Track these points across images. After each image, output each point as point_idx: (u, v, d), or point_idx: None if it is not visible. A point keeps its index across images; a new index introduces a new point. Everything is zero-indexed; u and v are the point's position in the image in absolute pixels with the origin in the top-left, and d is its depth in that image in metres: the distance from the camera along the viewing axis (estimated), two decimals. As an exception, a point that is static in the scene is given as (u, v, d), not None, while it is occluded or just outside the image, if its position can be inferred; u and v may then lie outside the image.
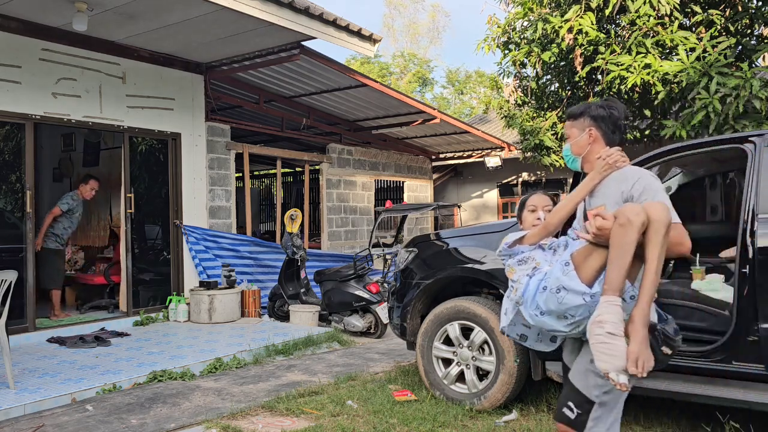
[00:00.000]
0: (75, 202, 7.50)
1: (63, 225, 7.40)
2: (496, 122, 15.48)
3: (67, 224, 7.45)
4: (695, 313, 3.86)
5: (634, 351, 2.11)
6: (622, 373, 2.12)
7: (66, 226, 7.44)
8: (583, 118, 2.59)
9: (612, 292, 2.15)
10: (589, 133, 2.58)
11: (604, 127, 2.56)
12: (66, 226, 7.44)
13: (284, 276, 8.11)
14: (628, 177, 2.40)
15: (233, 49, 7.70)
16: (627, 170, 2.44)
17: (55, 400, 4.53)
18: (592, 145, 2.58)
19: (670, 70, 7.32)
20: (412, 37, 37.14)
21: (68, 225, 7.47)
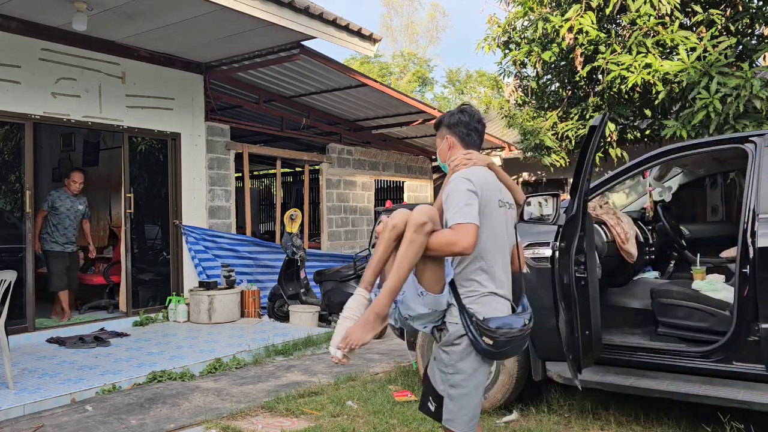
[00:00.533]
0: (56, 198, 7.10)
1: (52, 223, 7.06)
2: (496, 122, 15.46)
3: (55, 221, 7.06)
4: (695, 313, 3.85)
5: (349, 330, 2.32)
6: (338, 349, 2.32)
7: (55, 224, 7.05)
8: (441, 128, 2.71)
9: (363, 285, 2.47)
10: (446, 141, 2.69)
11: (458, 132, 2.66)
12: (54, 223, 7.06)
13: (284, 276, 8.11)
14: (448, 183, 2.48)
15: (233, 48, 7.69)
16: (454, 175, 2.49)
17: (55, 401, 4.53)
18: (451, 150, 2.67)
19: (671, 70, 7.31)
20: (411, 37, 37.13)
21: (56, 222, 7.06)
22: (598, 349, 3.65)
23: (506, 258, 2.60)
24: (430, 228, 2.30)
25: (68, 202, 7.13)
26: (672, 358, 3.67)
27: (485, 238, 2.43)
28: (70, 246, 7.20)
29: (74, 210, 7.20)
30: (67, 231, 7.14)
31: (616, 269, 4.45)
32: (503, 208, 2.58)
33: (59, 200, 7.06)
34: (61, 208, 7.07)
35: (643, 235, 4.88)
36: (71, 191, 7.21)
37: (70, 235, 7.18)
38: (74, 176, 7.24)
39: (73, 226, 7.20)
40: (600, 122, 3.58)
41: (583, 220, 3.53)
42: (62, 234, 7.10)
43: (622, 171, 4.03)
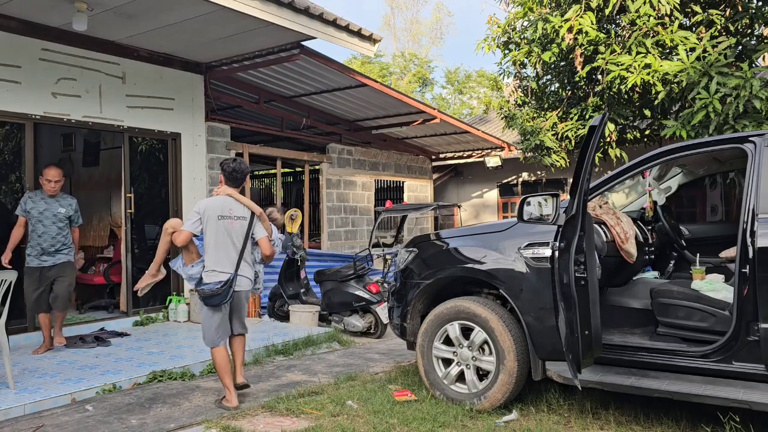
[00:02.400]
0: (27, 200, 5.90)
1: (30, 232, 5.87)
2: (496, 122, 15.47)
3: (29, 228, 5.86)
4: (695, 312, 3.86)
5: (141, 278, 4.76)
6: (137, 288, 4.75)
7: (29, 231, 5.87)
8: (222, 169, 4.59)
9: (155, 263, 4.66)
10: (220, 177, 4.62)
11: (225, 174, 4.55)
12: (29, 231, 5.87)
13: (284, 276, 8.11)
14: None
15: (233, 49, 7.69)
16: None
17: (55, 400, 4.53)
18: (220, 184, 4.63)
19: (670, 70, 7.32)
20: (414, 37, 37.13)
21: (30, 229, 5.85)
22: (598, 349, 3.65)
23: (229, 249, 4.42)
24: (170, 231, 4.43)
25: (42, 204, 5.86)
26: (672, 357, 3.67)
27: (208, 238, 4.43)
28: (48, 258, 5.83)
29: (51, 214, 5.86)
30: (42, 240, 5.79)
31: (616, 269, 4.46)
32: (225, 220, 4.44)
33: (31, 202, 5.85)
34: (33, 212, 5.82)
35: (642, 235, 4.88)
36: (46, 191, 5.92)
37: (47, 245, 5.81)
38: (47, 173, 5.88)
39: (50, 234, 5.83)
40: (600, 122, 3.58)
41: (583, 220, 3.54)
42: (36, 244, 5.78)
43: (622, 171, 4.04)
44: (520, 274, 4.02)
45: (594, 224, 4.09)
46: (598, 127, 3.57)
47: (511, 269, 4.06)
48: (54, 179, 5.91)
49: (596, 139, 3.57)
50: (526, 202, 3.96)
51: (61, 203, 5.98)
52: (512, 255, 4.06)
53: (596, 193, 4.07)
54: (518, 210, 4.01)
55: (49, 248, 5.85)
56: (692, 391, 3.49)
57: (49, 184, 5.91)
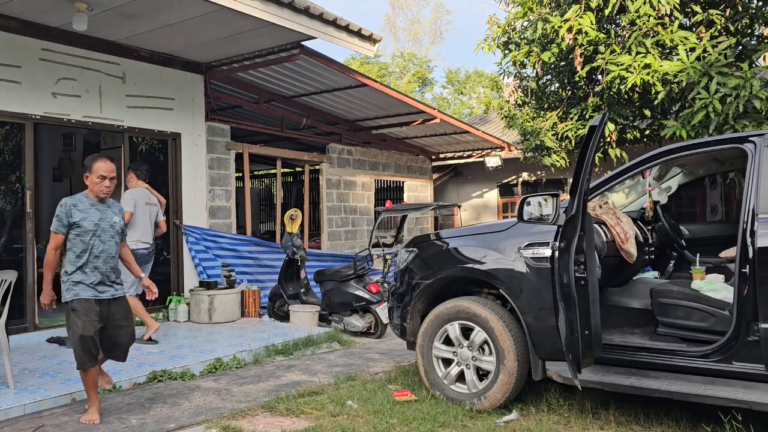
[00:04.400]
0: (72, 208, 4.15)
1: (73, 252, 4.15)
2: (496, 122, 15.48)
3: (78, 248, 4.12)
4: (695, 312, 3.86)
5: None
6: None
7: (77, 252, 4.13)
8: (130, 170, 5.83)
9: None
10: (130, 174, 6.30)
11: (135, 173, 6.17)
12: (77, 252, 4.13)
13: (284, 276, 8.11)
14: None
15: (233, 49, 7.69)
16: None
17: (55, 400, 4.53)
18: (131, 181, 6.47)
19: (670, 70, 7.32)
20: (414, 36, 37.15)
21: (80, 250, 4.11)
22: (598, 349, 3.65)
23: (149, 226, 6.27)
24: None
25: (94, 213, 4.16)
26: (672, 357, 3.68)
27: (138, 218, 6.19)
28: (107, 289, 4.17)
29: (107, 225, 4.21)
30: (99, 261, 4.14)
31: (616, 269, 4.46)
32: (148, 206, 6.29)
33: (78, 211, 4.11)
34: (85, 224, 4.10)
35: (642, 235, 4.88)
36: (96, 194, 4.21)
37: (106, 269, 4.17)
38: (99, 167, 4.17)
39: (109, 253, 4.20)
40: (600, 122, 3.59)
41: (583, 220, 3.54)
42: (92, 268, 4.11)
43: (622, 171, 4.04)
44: (520, 274, 4.02)
45: (594, 224, 4.09)
46: (598, 127, 3.57)
47: (511, 269, 4.06)
48: (109, 175, 4.21)
49: (596, 139, 3.57)
50: (526, 202, 3.96)
51: (113, 209, 4.31)
52: (512, 255, 4.06)
53: (596, 193, 4.07)
54: (518, 210, 4.01)
55: (109, 273, 4.20)
56: (692, 391, 3.49)
57: (102, 183, 4.17)
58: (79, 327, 4.03)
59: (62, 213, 4.12)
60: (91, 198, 4.25)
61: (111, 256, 4.25)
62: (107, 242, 4.22)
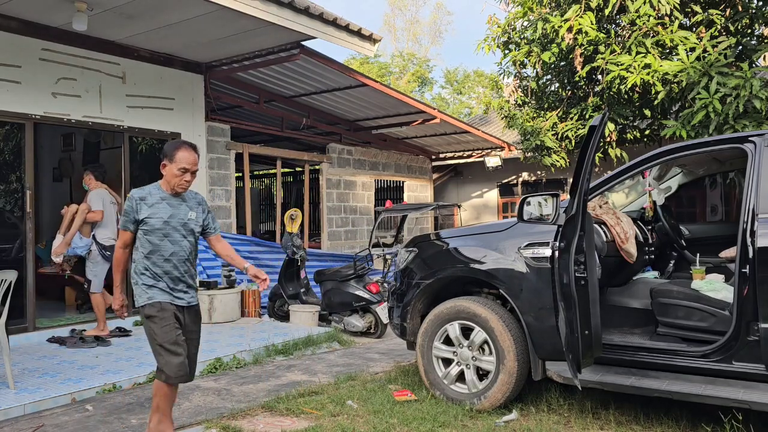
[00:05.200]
0: (140, 203, 3.57)
1: (142, 252, 3.64)
2: (496, 122, 15.48)
3: (148, 248, 3.62)
4: (695, 312, 3.86)
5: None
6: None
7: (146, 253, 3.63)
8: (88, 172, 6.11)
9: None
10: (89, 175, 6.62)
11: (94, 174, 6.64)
12: (146, 252, 3.63)
13: (284, 276, 8.11)
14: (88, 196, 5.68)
15: (233, 48, 7.69)
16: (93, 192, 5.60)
17: (55, 400, 4.53)
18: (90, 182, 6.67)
19: (670, 70, 7.32)
20: (413, 37, 37.16)
21: (150, 250, 3.59)
22: (598, 349, 3.65)
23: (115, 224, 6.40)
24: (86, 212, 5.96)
25: (165, 208, 3.56)
26: (672, 357, 3.68)
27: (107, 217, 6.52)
28: (183, 295, 3.63)
29: (179, 222, 3.59)
30: (169, 265, 3.56)
31: (616, 269, 4.46)
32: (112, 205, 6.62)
33: (146, 206, 3.52)
34: (153, 221, 3.51)
35: (642, 235, 4.88)
36: (173, 188, 3.58)
37: (179, 272, 3.59)
38: (182, 157, 3.55)
39: (183, 254, 3.60)
40: (600, 122, 3.59)
41: (583, 219, 3.54)
42: (161, 272, 3.55)
43: (622, 171, 4.04)
44: (520, 274, 4.02)
45: (594, 224, 4.09)
46: (598, 127, 3.57)
47: (511, 269, 4.06)
48: (192, 168, 3.60)
49: (596, 139, 3.57)
50: (526, 202, 3.96)
51: (188, 204, 3.68)
52: (512, 255, 4.06)
53: (596, 193, 4.07)
54: (518, 210, 4.01)
55: (184, 277, 3.62)
56: (692, 391, 3.49)
57: (183, 176, 3.55)
58: (157, 335, 3.44)
59: (129, 208, 3.52)
60: (164, 190, 3.57)
61: (184, 259, 3.57)
62: (178, 242, 3.54)
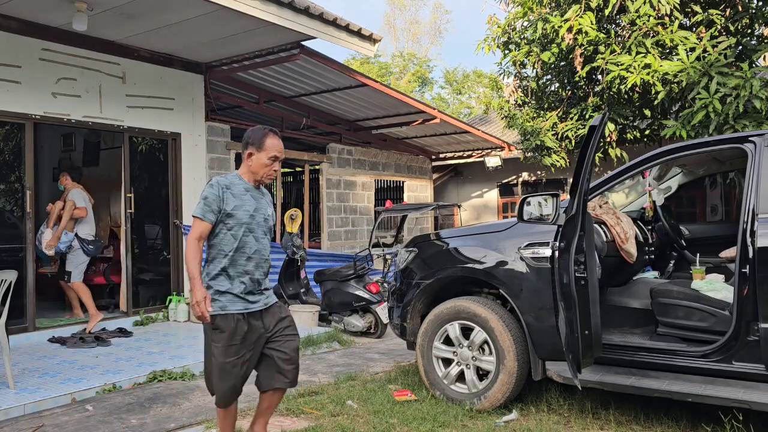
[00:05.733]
0: (224, 192, 3.17)
1: (217, 250, 3.23)
2: (496, 122, 15.47)
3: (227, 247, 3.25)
4: (695, 312, 3.86)
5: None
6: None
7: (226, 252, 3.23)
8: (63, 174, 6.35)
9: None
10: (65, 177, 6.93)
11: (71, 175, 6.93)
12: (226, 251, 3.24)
13: (284, 276, 8.11)
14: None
15: (233, 48, 7.69)
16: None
17: (55, 400, 4.53)
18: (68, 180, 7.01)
19: (670, 70, 7.32)
20: (413, 36, 37.15)
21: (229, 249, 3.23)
22: (598, 349, 3.65)
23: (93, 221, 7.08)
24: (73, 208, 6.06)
25: (250, 201, 3.22)
26: (672, 357, 3.68)
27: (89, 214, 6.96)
28: (258, 297, 3.24)
29: (262, 218, 3.28)
30: (250, 264, 3.20)
31: (616, 269, 4.46)
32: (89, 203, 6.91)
33: (232, 196, 3.15)
34: (239, 214, 3.16)
35: (642, 235, 4.88)
36: (260, 178, 3.26)
37: (260, 274, 3.25)
38: (271, 144, 3.21)
39: (263, 254, 3.28)
40: (600, 122, 3.59)
41: (583, 219, 3.54)
42: (241, 271, 3.17)
43: (622, 171, 4.04)
44: (520, 274, 4.02)
45: (594, 224, 4.09)
46: (598, 127, 3.57)
47: (511, 269, 4.06)
48: (281, 156, 3.26)
49: (596, 139, 3.57)
50: (526, 202, 3.96)
51: (267, 199, 3.38)
52: (512, 255, 4.06)
53: (596, 193, 4.07)
54: (518, 210, 4.01)
55: (264, 279, 3.29)
56: (692, 391, 3.49)
57: (273, 165, 3.23)
58: (219, 351, 3.08)
59: (212, 196, 3.08)
60: (247, 181, 3.21)
61: (264, 259, 3.25)
62: (261, 240, 3.21)
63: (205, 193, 3.12)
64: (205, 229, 3.10)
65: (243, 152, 3.21)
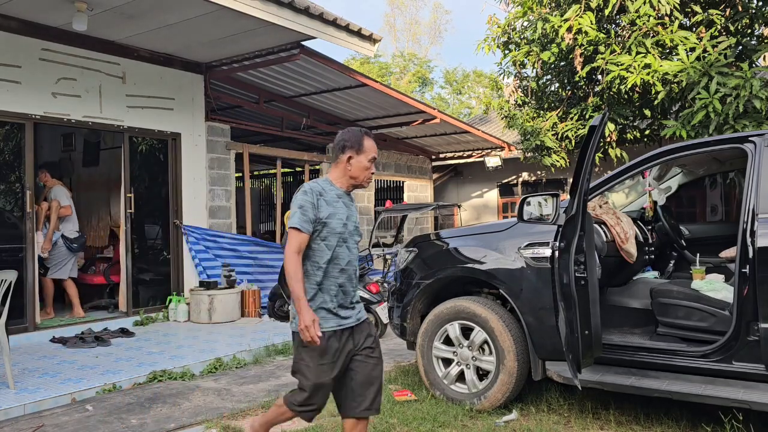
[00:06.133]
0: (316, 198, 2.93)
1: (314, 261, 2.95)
2: (496, 122, 15.47)
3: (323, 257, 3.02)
4: (695, 312, 3.86)
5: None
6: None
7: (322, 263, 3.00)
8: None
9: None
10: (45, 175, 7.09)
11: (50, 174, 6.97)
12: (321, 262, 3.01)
13: (284, 276, 8.09)
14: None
15: (233, 48, 7.69)
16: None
17: (55, 400, 4.53)
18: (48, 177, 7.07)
19: (670, 70, 7.32)
20: (413, 36, 37.16)
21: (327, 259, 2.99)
22: (598, 349, 3.65)
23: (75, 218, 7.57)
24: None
25: (342, 208, 2.95)
26: (672, 357, 3.68)
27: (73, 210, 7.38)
28: (350, 313, 2.96)
29: (353, 225, 3.01)
30: (344, 276, 2.95)
31: (616, 269, 4.46)
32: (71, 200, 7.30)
33: (325, 203, 2.88)
34: (333, 222, 2.89)
35: (642, 235, 4.88)
36: (360, 183, 3.02)
37: (352, 287, 2.99)
38: (371, 146, 2.96)
39: (355, 264, 3.02)
40: (600, 122, 3.58)
41: (583, 219, 3.54)
42: (333, 284, 2.93)
43: (622, 171, 4.04)
44: (520, 274, 4.02)
45: (594, 224, 4.09)
46: (598, 127, 3.57)
47: (511, 269, 4.06)
48: (377, 156, 3.04)
49: (596, 139, 3.57)
50: (526, 202, 3.96)
51: (354, 205, 3.09)
52: (512, 255, 4.06)
53: (596, 193, 4.07)
54: (518, 210, 4.01)
55: (356, 291, 3.04)
56: (692, 391, 3.49)
57: (371, 168, 2.99)
58: (311, 370, 2.81)
59: (308, 203, 2.81)
60: (338, 187, 2.94)
61: (355, 270, 2.99)
62: (353, 250, 2.98)
63: (299, 201, 2.84)
64: (304, 241, 2.82)
65: (337, 157, 2.93)
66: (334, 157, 2.96)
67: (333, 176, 2.97)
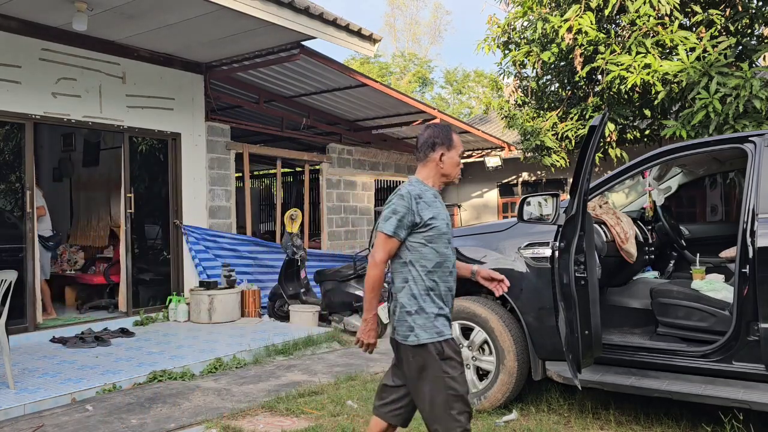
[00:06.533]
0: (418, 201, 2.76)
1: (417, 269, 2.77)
2: (496, 122, 15.47)
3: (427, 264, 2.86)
4: (695, 312, 3.86)
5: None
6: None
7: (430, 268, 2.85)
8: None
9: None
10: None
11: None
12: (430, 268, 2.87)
13: (284, 276, 8.11)
14: None
15: (233, 48, 7.69)
16: None
17: (55, 400, 4.53)
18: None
19: (670, 70, 7.32)
20: (413, 36, 37.16)
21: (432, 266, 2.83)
22: (598, 349, 3.65)
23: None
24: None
25: (441, 209, 2.80)
26: (672, 357, 3.68)
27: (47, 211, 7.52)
28: (448, 323, 2.77)
29: (449, 227, 2.83)
30: (448, 281, 2.80)
31: (616, 269, 4.46)
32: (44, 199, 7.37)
33: (426, 206, 2.72)
34: (438, 224, 2.73)
35: (642, 235, 4.88)
36: (451, 180, 2.91)
37: (451, 296, 2.83)
38: (458, 139, 2.86)
39: (454, 270, 2.86)
40: (600, 122, 3.58)
41: (583, 219, 3.54)
42: (440, 292, 2.75)
43: (622, 171, 4.04)
44: (520, 274, 4.02)
45: (594, 224, 4.09)
46: (598, 127, 3.57)
47: (511, 269, 4.06)
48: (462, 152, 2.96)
49: (596, 139, 3.57)
50: (526, 202, 3.97)
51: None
52: (512, 255, 4.07)
53: (596, 193, 4.07)
54: (518, 210, 4.01)
55: (451, 298, 2.84)
56: (692, 391, 3.49)
57: (460, 164, 2.90)
58: (458, 383, 2.59)
59: (403, 207, 2.64)
60: (430, 186, 2.78)
61: (454, 274, 2.84)
62: (454, 251, 2.85)
63: (394, 205, 2.66)
64: (395, 248, 2.70)
65: (428, 155, 2.77)
66: (423, 156, 2.78)
67: (423, 176, 2.79)
